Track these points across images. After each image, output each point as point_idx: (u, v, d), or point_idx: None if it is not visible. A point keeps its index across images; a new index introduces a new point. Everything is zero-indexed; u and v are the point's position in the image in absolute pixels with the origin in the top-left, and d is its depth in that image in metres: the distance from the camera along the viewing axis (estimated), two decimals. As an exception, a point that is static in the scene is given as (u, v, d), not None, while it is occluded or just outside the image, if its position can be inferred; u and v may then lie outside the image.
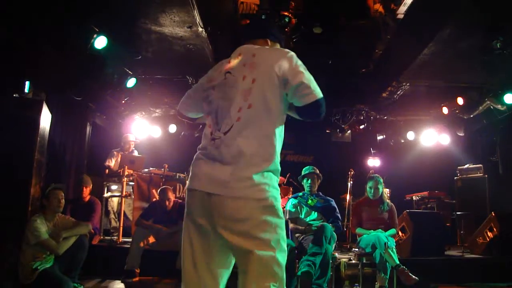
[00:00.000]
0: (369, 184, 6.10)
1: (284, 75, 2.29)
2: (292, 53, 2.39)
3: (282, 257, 2.19)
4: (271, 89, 2.30)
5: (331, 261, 5.14)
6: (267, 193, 2.21)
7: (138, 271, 6.02)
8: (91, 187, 6.86)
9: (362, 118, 10.65)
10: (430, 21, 6.52)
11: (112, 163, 8.34)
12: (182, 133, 10.73)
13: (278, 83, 2.29)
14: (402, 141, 11.15)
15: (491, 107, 8.44)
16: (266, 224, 2.18)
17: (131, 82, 7.81)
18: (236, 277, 2.27)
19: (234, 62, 2.46)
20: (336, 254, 5.83)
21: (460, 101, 8.79)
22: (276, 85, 2.30)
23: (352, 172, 8.46)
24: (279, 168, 2.33)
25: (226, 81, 2.41)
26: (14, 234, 4.85)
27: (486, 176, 8.59)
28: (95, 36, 6.15)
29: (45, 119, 5.70)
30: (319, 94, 2.34)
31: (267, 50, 2.45)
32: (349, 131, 11.23)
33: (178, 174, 7.88)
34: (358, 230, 5.96)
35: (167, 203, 6.36)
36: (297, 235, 5.71)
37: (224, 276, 2.36)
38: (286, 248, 2.26)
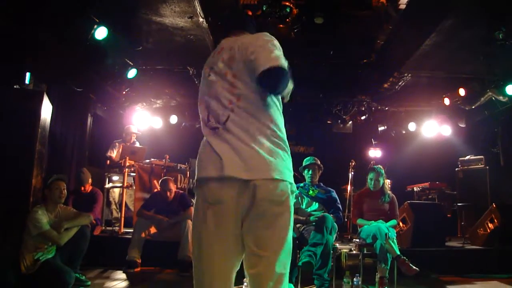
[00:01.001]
0: (370, 175, 6.10)
1: (249, 57, 2.30)
2: (260, 35, 2.41)
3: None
4: (250, 78, 2.31)
5: (332, 251, 5.14)
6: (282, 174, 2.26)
7: (139, 261, 6.05)
8: (90, 180, 6.87)
9: (363, 109, 10.65)
10: (432, 12, 6.49)
11: (113, 154, 8.34)
12: (183, 124, 10.74)
13: (251, 68, 2.30)
14: (404, 132, 11.14)
15: (493, 98, 8.42)
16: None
17: (131, 73, 7.79)
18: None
19: (217, 57, 2.50)
20: (337, 244, 5.83)
21: (461, 92, 8.76)
22: (251, 72, 2.29)
23: (353, 163, 8.47)
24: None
25: (210, 77, 2.46)
26: (16, 225, 4.86)
27: (487, 167, 8.60)
28: (95, 26, 6.13)
29: (46, 110, 5.69)
30: (275, 62, 2.22)
31: (242, 39, 2.44)
32: (350, 122, 11.22)
33: (179, 164, 7.89)
34: (359, 221, 5.97)
35: (168, 193, 6.37)
36: (298, 225, 5.72)
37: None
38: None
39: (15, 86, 5.78)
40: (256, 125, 2.28)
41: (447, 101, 9.36)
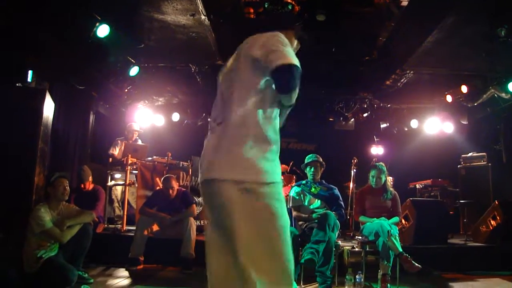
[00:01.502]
0: (372, 173, 6.09)
1: (257, 52, 2.33)
2: (273, 33, 2.41)
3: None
4: (248, 74, 2.36)
5: (334, 248, 5.14)
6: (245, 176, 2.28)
7: (142, 259, 6.06)
8: (91, 177, 6.88)
9: (365, 106, 10.64)
10: (434, 9, 6.47)
11: (116, 151, 8.35)
12: (185, 121, 10.75)
13: (252, 63, 2.34)
14: (406, 129, 11.14)
15: (495, 95, 8.39)
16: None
17: (133, 71, 7.79)
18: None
19: (231, 58, 2.57)
20: (339, 242, 5.84)
21: (464, 89, 8.75)
22: (251, 67, 2.35)
23: (355, 160, 8.47)
24: (273, 150, 2.39)
25: (221, 76, 2.54)
26: (19, 223, 4.87)
27: (490, 164, 8.59)
28: (97, 24, 6.13)
29: (48, 108, 5.70)
30: (288, 60, 2.25)
31: (254, 36, 2.47)
32: (352, 119, 11.20)
33: (181, 162, 7.89)
34: (361, 218, 5.96)
35: (170, 191, 6.37)
36: (300, 222, 5.73)
37: None
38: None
39: (17, 85, 5.79)
40: (238, 124, 2.33)
41: (449, 98, 9.34)
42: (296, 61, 2.26)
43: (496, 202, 7.14)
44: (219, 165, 2.28)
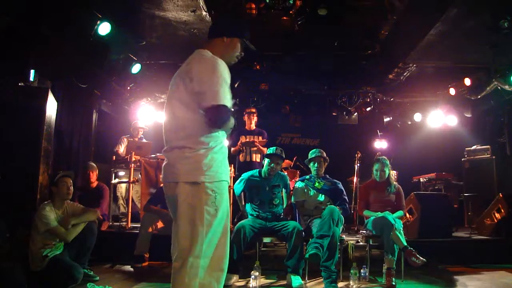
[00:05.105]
0: (376, 166, 6.08)
1: (193, 86, 2.68)
2: (209, 62, 2.73)
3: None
4: (181, 97, 2.83)
5: (338, 243, 5.14)
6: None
7: (147, 256, 6.09)
8: (97, 172, 6.90)
9: (368, 100, 10.60)
10: (436, 1, 6.44)
11: (121, 149, 8.35)
12: (188, 118, 10.71)
13: (185, 89, 2.74)
14: (409, 122, 11.12)
15: (499, 87, 8.35)
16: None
17: (136, 68, 7.78)
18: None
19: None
20: (344, 236, 5.84)
21: (467, 81, 8.71)
22: (183, 92, 2.77)
23: (359, 155, 8.44)
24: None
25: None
26: (24, 222, 4.89)
27: (494, 157, 8.56)
28: (98, 22, 6.12)
29: (51, 107, 5.71)
30: (218, 101, 2.58)
31: (192, 59, 2.91)
32: (355, 114, 11.21)
33: (185, 159, 7.87)
34: (366, 212, 5.96)
35: (174, 188, 6.36)
36: (304, 217, 5.73)
37: None
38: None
39: (20, 84, 5.80)
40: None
41: (452, 91, 9.30)
42: (225, 101, 2.57)
43: (501, 195, 7.13)
44: None
